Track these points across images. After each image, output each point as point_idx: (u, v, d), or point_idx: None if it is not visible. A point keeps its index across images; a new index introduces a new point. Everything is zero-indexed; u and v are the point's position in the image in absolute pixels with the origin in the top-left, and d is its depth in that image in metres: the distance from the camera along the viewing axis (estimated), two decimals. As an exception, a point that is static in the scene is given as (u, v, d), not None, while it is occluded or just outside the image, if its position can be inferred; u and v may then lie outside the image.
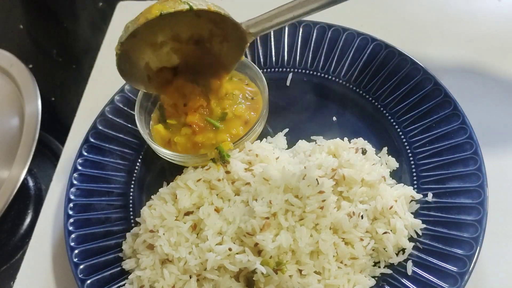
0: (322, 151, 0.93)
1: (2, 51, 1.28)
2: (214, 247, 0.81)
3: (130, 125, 1.08)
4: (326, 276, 0.81)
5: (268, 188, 0.85)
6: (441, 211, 0.87)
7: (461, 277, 0.78)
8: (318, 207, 0.81)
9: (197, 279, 0.84)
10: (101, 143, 1.05)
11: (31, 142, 1.07)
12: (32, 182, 1.16)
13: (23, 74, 1.22)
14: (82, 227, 0.94)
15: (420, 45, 1.18)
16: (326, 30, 1.13)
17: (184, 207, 0.86)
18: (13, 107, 1.19)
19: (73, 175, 0.99)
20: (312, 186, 0.81)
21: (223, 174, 0.90)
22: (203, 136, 0.96)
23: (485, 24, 1.21)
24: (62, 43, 1.46)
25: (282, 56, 1.15)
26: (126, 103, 1.10)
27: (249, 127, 0.96)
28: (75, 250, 0.91)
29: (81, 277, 0.87)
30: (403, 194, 0.89)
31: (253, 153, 0.93)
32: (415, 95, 1.00)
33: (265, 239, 0.79)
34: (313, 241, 0.81)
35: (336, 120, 1.05)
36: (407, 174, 0.94)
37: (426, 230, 0.86)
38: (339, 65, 1.10)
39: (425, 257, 0.83)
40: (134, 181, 1.03)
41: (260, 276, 0.79)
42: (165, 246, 0.84)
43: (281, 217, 0.81)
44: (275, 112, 1.05)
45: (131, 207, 0.99)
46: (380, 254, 0.85)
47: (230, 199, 0.89)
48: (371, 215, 0.86)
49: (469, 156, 0.90)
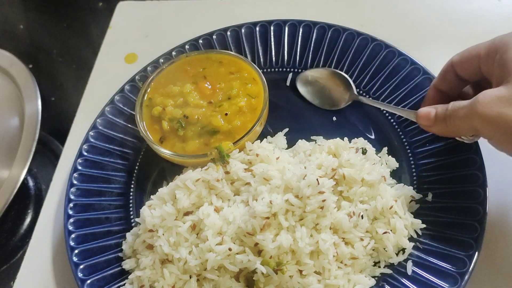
0: (322, 151, 0.93)
1: (2, 51, 1.28)
2: (214, 247, 0.81)
3: (130, 125, 1.08)
4: (326, 276, 0.81)
5: (268, 188, 0.85)
6: (441, 211, 0.87)
7: (461, 277, 0.78)
8: (318, 207, 0.81)
9: (197, 279, 0.84)
10: (101, 143, 1.05)
11: (31, 142, 1.07)
12: (32, 182, 1.16)
13: (23, 74, 1.22)
14: (82, 227, 0.94)
15: (420, 45, 1.18)
16: (326, 30, 1.13)
17: (183, 207, 0.86)
18: (13, 107, 1.19)
19: (73, 175, 0.99)
20: (312, 186, 0.81)
21: (222, 174, 0.90)
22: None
23: (485, 24, 1.21)
24: (62, 43, 1.46)
25: (282, 56, 1.15)
26: (126, 103, 1.10)
27: (249, 127, 0.96)
28: (75, 250, 0.91)
29: (81, 277, 0.87)
30: (403, 194, 0.89)
31: (253, 153, 0.93)
32: (415, 95, 1.00)
33: (265, 239, 0.79)
34: (313, 241, 0.81)
35: (336, 120, 1.05)
36: (407, 174, 0.95)
37: (426, 230, 0.86)
38: (339, 65, 1.10)
39: (425, 257, 0.83)
40: (134, 181, 1.03)
41: (260, 276, 0.79)
42: (164, 246, 0.84)
43: (281, 217, 0.81)
44: (275, 112, 1.06)
45: (131, 207, 0.99)
46: (380, 254, 0.85)
47: (230, 199, 0.89)
48: (371, 215, 0.86)
49: (469, 156, 0.90)
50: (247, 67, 1.05)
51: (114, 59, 1.32)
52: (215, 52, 1.11)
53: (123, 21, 1.41)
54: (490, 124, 0.73)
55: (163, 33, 1.35)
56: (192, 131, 0.98)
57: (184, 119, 0.99)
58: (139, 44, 1.33)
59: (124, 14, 1.42)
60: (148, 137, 0.99)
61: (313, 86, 1.10)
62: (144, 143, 1.06)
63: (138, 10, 1.43)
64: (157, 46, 1.20)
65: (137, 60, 1.30)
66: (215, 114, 0.99)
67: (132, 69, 1.17)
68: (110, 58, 1.32)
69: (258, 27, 1.17)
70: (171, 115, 0.99)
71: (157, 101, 1.03)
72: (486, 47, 0.80)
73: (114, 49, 1.34)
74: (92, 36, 1.43)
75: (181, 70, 1.08)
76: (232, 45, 1.17)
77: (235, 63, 1.07)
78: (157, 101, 1.03)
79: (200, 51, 1.13)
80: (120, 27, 1.40)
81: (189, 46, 1.17)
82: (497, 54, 0.77)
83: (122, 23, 1.41)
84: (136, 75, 1.13)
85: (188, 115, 0.99)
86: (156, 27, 1.37)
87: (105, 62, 1.31)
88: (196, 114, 0.99)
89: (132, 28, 1.38)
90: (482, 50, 0.81)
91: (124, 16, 1.42)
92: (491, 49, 0.79)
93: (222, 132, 0.97)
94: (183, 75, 1.07)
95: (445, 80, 0.89)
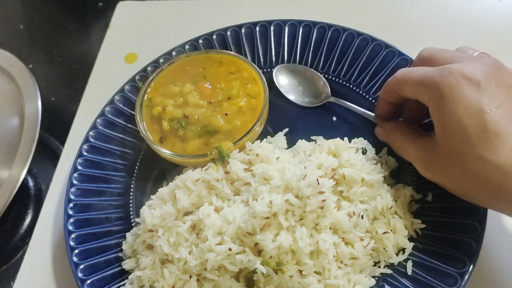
0: (322, 151, 0.93)
1: (2, 51, 1.28)
2: (214, 247, 0.81)
3: (130, 125, 1.08)
4: (326, 276, 0.81)
5: (268, 188, 0.85)
6: (441, 211, 0.87)
7: (461, 277, 0.78)
8: (318, 207, 0.81)
9: (197, 279, 0.84)
10: (101, 143, 1.05)
11: (31, 142, 1.07)
12: (32, 182, 1.16)
13: (23, 74, 1.21)
14: (82, 227, 0.94)
15: (420, 45, 1.16)
16: (326, 30, 1.13)
17: (183, 207, 0.86)
18: (13, 107, 1.19)
19: (73, 175, 0.99)
20: (312, 186, 0.81)
21: (222, 174, 0.90)
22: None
23: (485, 24, 1.21)
24: (62, 43, 1.46)
25: (282, 56, 1.15)
26: (126, 103, 1.10)
27: (249, 127, 0.96)
28: (75, 250, 0.91)
29: (81, 277, 0.87)
30: (403, 194, 0.89)
31: (254, 153, 0.93)
32: (415, 95, 1.01)
33: (265, 239, 0.79)
34: (313, 241, 0.81)
35: (336, 120, 1.05)
36: (407, 174, 0.94)
37: (426, 230, 0.86)
38: (339, 65, 1.10)
39: (425, 257, 0.83)
40: (134, 181, 1.03)
41: (260, 276, 0.79)
42: (164, 246, 0.84)
43: (281, 217, 0.81)
44: (275, 112, 1.06)
45: (131, 207, 0.99)
46: (380, 254, 0.85)
47: (230, 199, 0.89)
48: (371, 215, 0.86)
49: (469, 156, 0.90)
50: (247, 67, 1.05)
51: (114, 59, 1.32)
52: (215, 52, 1.11)
53: (123, 21, 1.41)
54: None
55: (163, 33, 1.35)
56: (192, 131, 0.98)
57: (184, 119, 0.99)
58: (139, 44, 1.33)
59: (124, 14, 1.42)
60: (148, 137, 0.99)
61: (289, 80, 1.10)
62: (144, 143, 1.06)
63: (138, 10, 1.43)
64: (157, 46, 1.20)
65: (137, 60, 1.30)
66: (215, 114, 0.99)
67: (132, 69, 1.17)
68: (110, 58, 1.32)
69: (258, 27, 1.17)
70: (171, 115, 0.99)
71: (157, 101, 1.03)
72: (423, 83, 0.77)
73: (114, 49, 1.34)
74: (92, 36, 1.43)
75: (181, 70, 1.08)
76: (232, 45, 1.17)
77: (235, 63, 1.07)
78: (157, 101, 1.03)
79: (200, 51, 1.13)
80: (120, 27, 1.40)
81: (189, 46, 1.16)
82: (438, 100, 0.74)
83: (122, 23, 1.41)
84: (136, 75, 1.13)
85: (188, 115, 0.99)
86: (156, 27, 1.37)
87: (105, 62, 1.31)
88: (196, 114, 0.99)
89: (132, 28, 1.38)
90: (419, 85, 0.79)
91: (124, 16, 1.42)
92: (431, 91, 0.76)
93: (222, 132, 0.97)
94: (183, 75, 1.07)
95: (390, 95, 0.89)
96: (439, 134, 0.75)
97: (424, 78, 0.76)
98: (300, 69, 1.12)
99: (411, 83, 0.80)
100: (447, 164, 0.75)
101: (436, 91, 0.73)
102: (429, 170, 0.80)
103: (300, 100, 1.09)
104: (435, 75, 0.74)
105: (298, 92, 1.10)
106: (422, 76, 0.77)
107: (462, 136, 0.71)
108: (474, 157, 0.70)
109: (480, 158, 0.69)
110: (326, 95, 1.07)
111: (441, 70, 0.74)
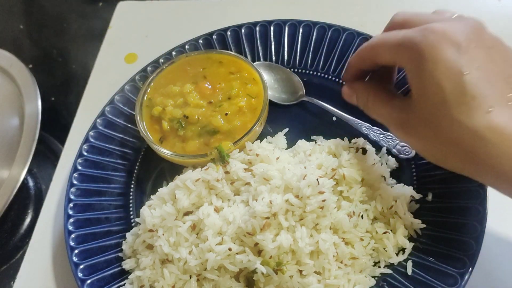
0: (322, 151, 0.93)
1: (2, 51, 1.28)
2: (214, 247, 0.81)
3: (130, 125, 1.08)
4: (326, 276, 0.81)
5: (268, 188, 0.85)
6: (441, 211, 0.87)
7: (461, 277, 0.78)
8: (318, 207, 0.81)
9: (197, 279, 0.84)
10: (101, 143, 1.05)
11: (31, 142, 1.07)
12: (32, 182, 1.16)
13: (23, 74, 1.21)
14: (82, 227, 0.94)
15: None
16: (326, 30, 1.13)
17: (183, 207, 0.86)
18: (13, 107, 1.19)
19: (73, 175, 0.99)
20: (312, 186, 0.81)
21: (222, 174, 0.90)
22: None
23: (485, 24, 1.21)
24: (62, 43, 1.46)
25: (282, 56, 1.15)
26: (126, 103, 1.10)
27: (249, 127, 0.96)
28: (75, 250, 0.91)
29: (81, 277, 0.87)
30: (403, 194, 0.89)
31: (253, 153, 0.93)
32: (415, 95, 1.00)
33: (265, 239, 0.79)
34: (313, 241, 0.81)
35: (336, 120, 1.05)
36: (407, 174, 0.94)
37: (426, 230, 0.86)
38: (339, 65, 1.10)
39: (425, 257, 0.83)
40: (134, 181, 1.03)
41: (260, 276, 0.79)
42: (164, 246, 0.84)
43: (281, 217, 0.81)
44: (275, 112, 1.06)
45: (131, 207, 0.99)
46: (380, 254, 0.85)
47: (230, 199, 0.89)
48: (371, 215, 0.86)
49: (469, 156, 0.89)
50: (247, 67, 1.05)
51: (114, 59, 1.32)
52: (215, 52, 1.11)
53: (123, 21, 1.41)
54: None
55: (163, 33, 1.35)
56: (192, 131, 0.98)
57: (184, 119, 0.99)
58: (139, 44, 1.33)
59: (124, 14, 1.42)
60: (148, 137, 0.99)
61: (269, 76, 1.11)
62: (144, 143, 1.06)
63: (138, 10, 1.43)
64: (157, 46, 1.20)
65: (137, 60, 1.30)
66: (215, 114, 0.99)
67: (132, 69, 1.17)
68: (110, 58, 1.32)
69: (258, 27, 1.17)
70: (171, 115, 0.99)
71: (157, 101, 1.03)
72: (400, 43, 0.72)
73: (114, 49, 1.34)
74: (92, 36, 1.43)
75: (181, 70, 1.08)
76: (232, 45, 1.17)
77: (235, 63, 1.07)
78: (157, 101, 1.03)
79: (200, 51, 1.13)
80: (120, 27, 1.40)
81: (189, 46, 1.16)
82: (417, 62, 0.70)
83: (122, 23, 1.41)
84: (136, 75, 1.13)
85: (188, 115, 0.99)
86: (156, 27, 1.37)
87: (105, 62, 1.31)
88: (196, 114, 0.99)
89: (132, 28, 1.38)
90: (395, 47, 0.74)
91: (124, 16, 1.42)
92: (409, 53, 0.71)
93: (222, 132, 0.97)
94: (183, 75, 1.07)
95: (364, 62, 0.83)
96: (416, 95, 0.72)
97: (404, 39, 0.72)
98: (275, 66, 1.13)
99: (389, 47, 0.75)
100: (422, 126, 0.72)
101: (416, 51, 0.69)
102: (403, 132, 0.77)
103: (277, 97, 1.10)
104: (416, 35, 0.70)
105: (274, 89, 1.11)
106: (402, 37, 0.72)
107: (439, 99, 0.68)
108: (450, 119, 0.67)
109: (455, 121, 0.67)
110: (301, 93, 1.08)
111: (423, 30, 0.70)
